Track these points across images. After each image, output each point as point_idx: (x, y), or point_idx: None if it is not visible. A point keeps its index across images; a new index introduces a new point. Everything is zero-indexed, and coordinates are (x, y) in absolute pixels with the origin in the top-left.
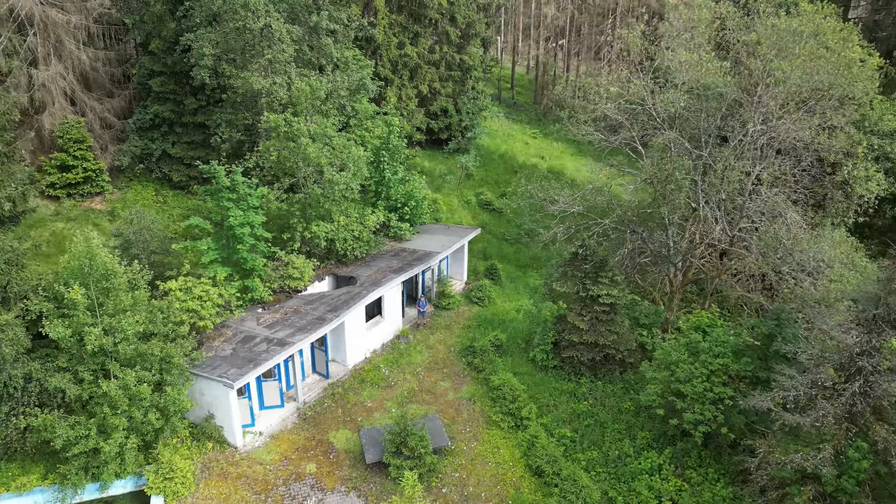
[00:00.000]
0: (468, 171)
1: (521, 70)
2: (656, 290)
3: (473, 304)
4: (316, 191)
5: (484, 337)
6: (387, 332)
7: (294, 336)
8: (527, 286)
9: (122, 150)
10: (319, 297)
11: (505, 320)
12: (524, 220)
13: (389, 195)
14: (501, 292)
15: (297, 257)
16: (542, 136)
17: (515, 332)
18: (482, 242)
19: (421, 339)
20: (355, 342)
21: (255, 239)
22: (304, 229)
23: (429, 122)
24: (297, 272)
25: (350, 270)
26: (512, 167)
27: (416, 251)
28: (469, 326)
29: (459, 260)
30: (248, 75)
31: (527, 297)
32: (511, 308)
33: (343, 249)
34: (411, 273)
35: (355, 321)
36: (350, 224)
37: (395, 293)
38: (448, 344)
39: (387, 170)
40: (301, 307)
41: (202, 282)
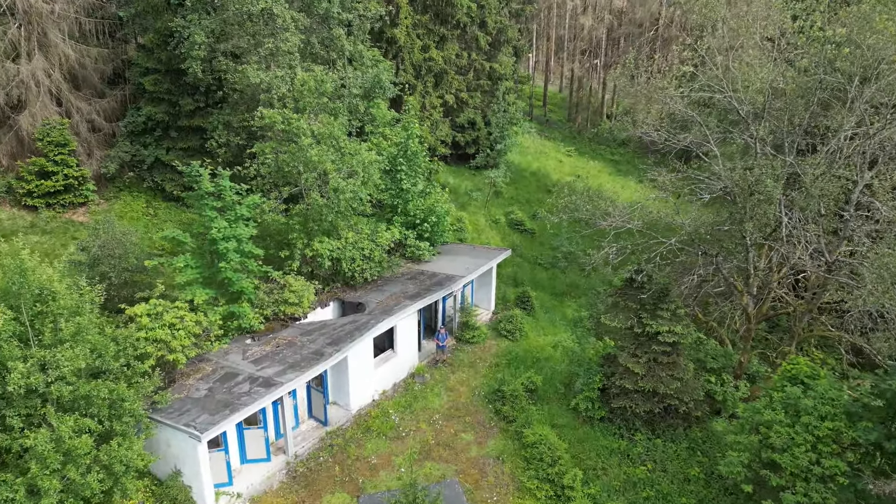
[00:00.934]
0: (497, 188)
1: (554, 89)
2: (724, 328)
3: (502, 338)
4: (318, 200)
5: (515, 379)
6: (399, 370)
7: (284, 374)
8: (564, 317)
9: (110, 155)
10: (320, 326)
11: (539, 358)
12: (561, 241)
13: (407, 210)
14: (535, 324)
15: (296, 279)
16: (577, 155)
17: (553, 374)
18: (512, 266)
19: (439, 378)
20: (360, 382)
21: (241, 256)
22: (305, 246)
23: (455, 135)
24: (295, 296)
25: (358, 295)
26: (545, 186)
27: (436, 274)
28: (497, 365)
29: (486, 286)
30: (245, 68)
31: (565, 331)
32: (546, 343)
33: (350, 271)
34: (430, 300)
35: (361, 356)
36: (360, 241)
37: (409, 323)
38: (472, 386)
39: (404, 180)
40: (297, 338)
41: (176, 306)
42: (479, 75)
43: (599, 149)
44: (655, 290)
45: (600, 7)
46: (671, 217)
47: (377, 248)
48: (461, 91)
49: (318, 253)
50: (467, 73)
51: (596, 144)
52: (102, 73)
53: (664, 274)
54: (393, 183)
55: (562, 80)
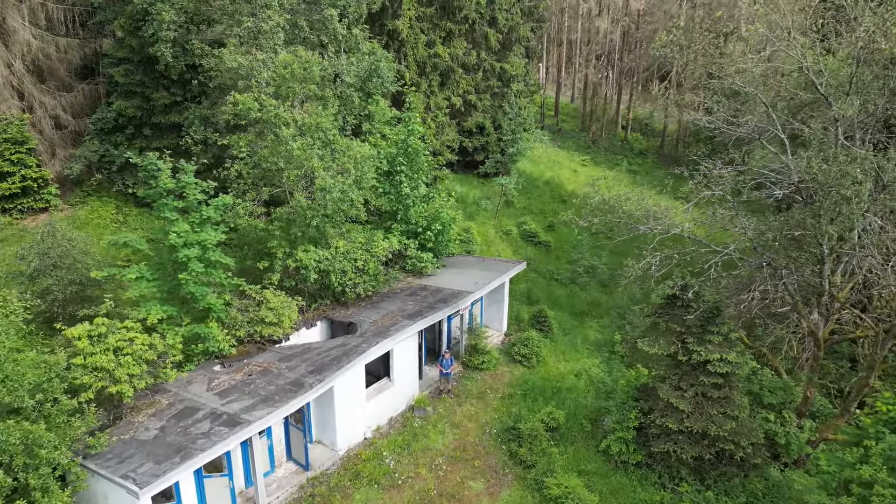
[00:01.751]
0: (508, 198)
1: (566, 99)
2: (777, 354)
3: (516, 364)
4: (302, 202)
5: (533, 414)
6: (396, 402)
7: (254, 410)
8: (586, 340)
9: (75, 155)
10: (303, 350)
11: (561, 389)
12: (582, 253)
13: (407, 217)
14: (554, 348)
15: (275, 294)
16: (592, 164)
17: (577, 408)
18: (526, 282)
19: (443, 412)
20: (349, 417)
21: (207, 266)
22: (287, 256)
23: (462, 140)
24: (274, 315)
25: (350, 314)
26: (559, 196)
27: (441, 290)
28: (511, 396)
29: (497, 303)
30: (222, 52)
31: (588, 356)
32: (568, 371)
33: (341, 285)
34: (432, 319)
35: (350, 387)
36: (352, 251)
37: (408, 347)
38: (481, 421)
39: (404, 183)
40: (274, 365)
41: (126, 326)
42: (489, 76)
43: (616, 158)
44: (704, 310)
45: (616, 9)
46: (725, 223)
47: (372, 259)
48: (469, 93)
49: (303, 264)
50: (476, 72)
51: (612, 154)
52: (71, 65)
53: (720, 289)
54: (392, 186)
55: (573, 91)
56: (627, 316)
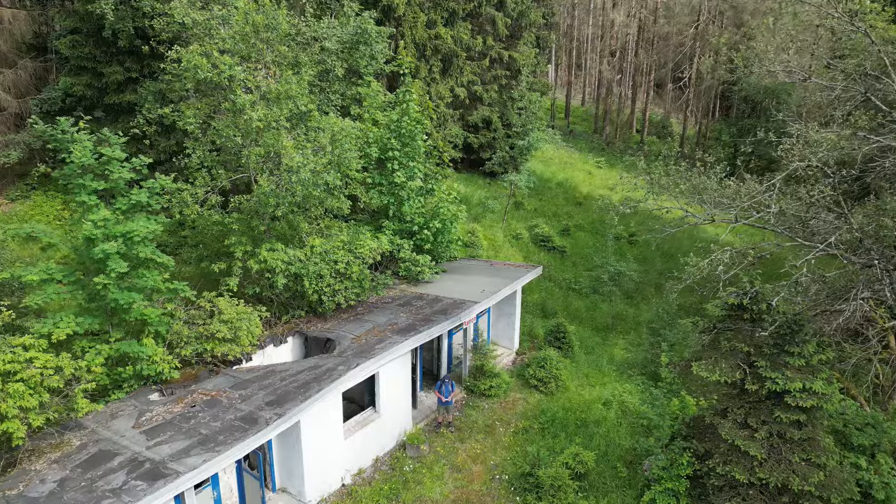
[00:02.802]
0: (517, 199)
1: (576, 104)
2: (859, 383)
3: (531, 390)
4: (264, 186)
5: (554, 455)
6: (383, 439)
7: (187, 456)
8: (612, 360)
9: (13, 141)
10: (265, 373)
11: (587, 421)
12: (606, 258)
13: (401, 213)
14: (575, 370)
15: (231, 303)
16: (607, 167)
17: (608, 447)
18: (540, 292)
19: (443, 451)
20: (321, 459)
21: (133, 266)
22: (249, 256)
23: (466, 136)
24: (228, 329)
25: (329, 328)
26: (574, 198)
27: (440, 299)
28: (526, 431)
29: (508, 316)
30: (173, 5)
31: (616, 379)
32: (594, 399)
33: (316, 293)
34: (429, 334)
35: (323, 421)
36: (332, 252)
37: (398, 369)
38: (489, 464)
39: (397, 171)
40: (224, 393)
41: (23, 344)
42: (496, 65)
43: (634, 160)
44: (781, 324)
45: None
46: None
47: (357, 261)
48: (474, 83)
49: (268, 266)
50: (482, 60)
51: (629, 157)
52: (16, 39)
53: (809, 296)
54: (382, 176)
55: (584, 94)
56: (663, 332)
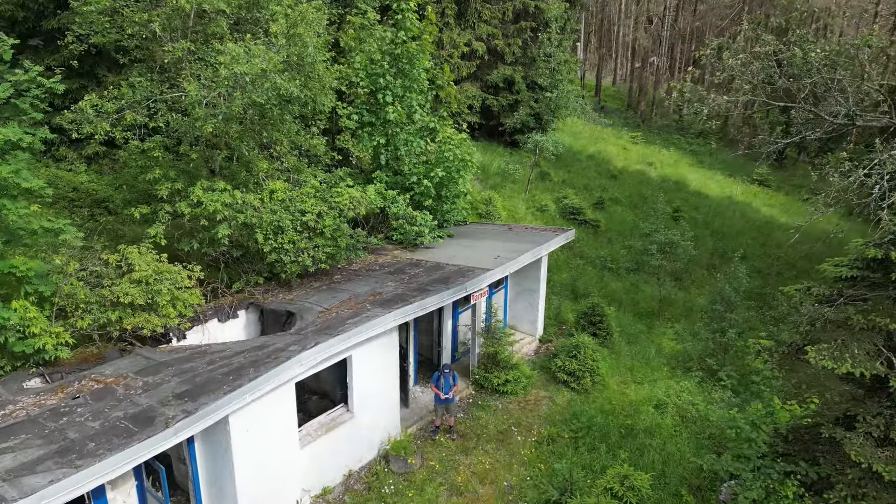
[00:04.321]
0: (541, 168)
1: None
2: None
3: (559, 386)
4: (192, 93)
5: (592, 475)
6: (359, 447)
7: (29, 473)
8: (661, 352)
9: None
10: (189, 355)
11: (634, 429)
12: (656, 223)
13: (398, 159)
14: (616, 363)
15: (147, 258)
16: (644, 142)
17: (665, 464)
18: (569, 271)
19: (440, 465)
20: (266, 475)
21: None
22: (179, 196)
23: (485, 98)
24: (143, 293)
25: (292, 298)
26: (608, 171)
27: (441, 266)
28: (552, 440)
29: (529, 294)
30: None
31: (669, 375)
32: (642, 399)
33: (274, 251)
34: (423, 307)
35: (265, 422)
36: (299, 199)
37: (380, 354)
38: (501, 484)
39: (391, 105)
40: (125, 379)
41: None
42: (519, 17)
43: (672, 138)
44: None
45: None
46: None
47: (332, 212)
48: (495, 37)
49: (205, 211)
50: (503, 2)
51: (667, 133)
52: None
53: None
54: (372, 114)
55: (616, 73)
56: (729, 316)
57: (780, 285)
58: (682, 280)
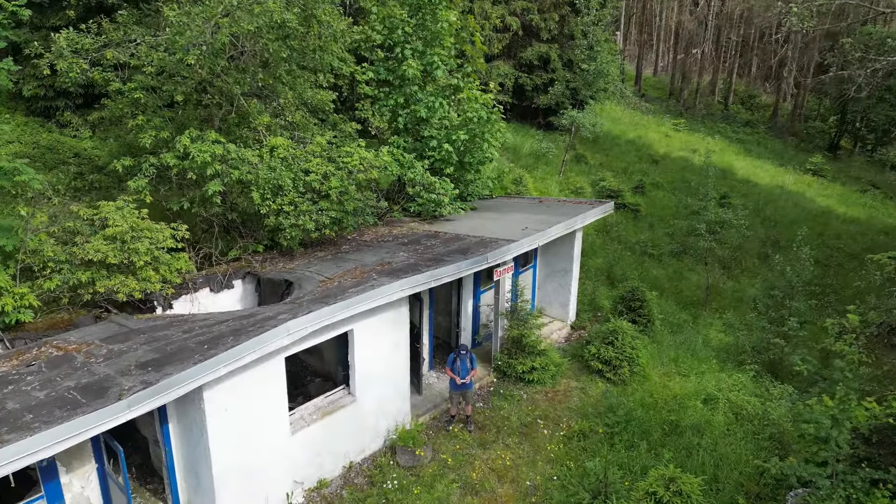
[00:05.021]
0: (577, 151)
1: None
2: None
3: (592, 376)
4: (173, 24)
5: (630, 476)
6: (361, 436)
7: None
8: (708, 344)
9: None
10: (168, 323)
11: (680, 426)
12: (705, 199)
13: (417, 123)
14: (657, 353)
15: (126, 213)
16: (687, 130)
17: (717, 466)
18: (605, 256)
19: (453, 459)
20: (248, 463)
21: None
22: (166, 148)
23: (518, 76)
24: (117, 253)
25: (294, 267)
26: (649, 156)
27: (461, 237)
28: (584, 436)
29: (561, 274)
30: None
31: (719, 368)
32: (688, 393)
33: (273, 213)
34: (435, 278)
35: (247, 401)
36: (303, 158)
37: (387, 330)
38: (523, 484)
39: (409, 61)
40: (88, 346)
41: None
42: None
43: (718, 126)
44: None
45: None
46: None
47: (339, 172)
48: (530, 12)
49: (194, 164)
50: None
51: (712, 122)
52: None
53: None
54: (389, 72)
55: (657, 63)
56: (789, 303)
57: (841, 277)
58: (730, 268)
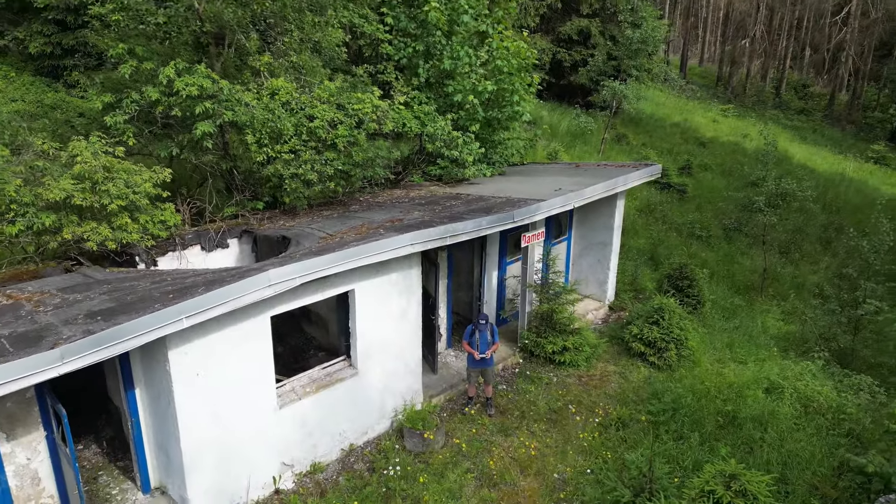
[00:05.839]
0: (617, 130)
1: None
2: None
3: (632, 360)
4: None
5: (681, 472)
6: (364, 415)
7: None
8: (765, 331)
9: None
10: (140, 276)
11: (739, 417)
12: (765, 170)
13: (439, 72)
14: (709, 338)
15: (97, 149)
16: (736, 116)
17: (786, 463)
18: (648, 237)
19: (468, 446)
20: (226, 439)
21: None
22: (147, 81)
23: (556, 51)
24: (84, 195)
25: (296, 226)
26: (696, 139)
27: (484, 198)
28: (623, 424)
29: (599, 247)
30: None
31: (783, 356)
32: (747, 381)
33: (269, 160)
34: (450, 233)
35: (224, 366)
36: (308, 103)
37: (396, 294)
38: (550, 476)
39: (433, 2)
40: (40, 296)
41: None
42: None
43: (770, 113)
44: None
45: None
46: None
47: (348, 119)
48: None
49: (180, 101)
50: None
51: (763, 109)
52: None
53: None
54: (409, 18)
55: (702, 53)
56: (864, 284)
57: None
58: (788, 253)
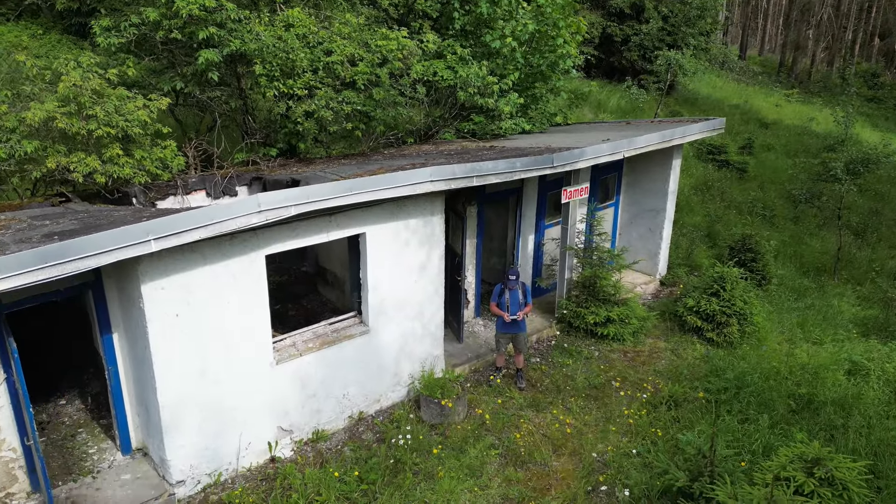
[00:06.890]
0: (670, 107)
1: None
2: None
3: (686, 336)
4: None
5: (748, 456)
6: (375, 379)
7: None
8: (839, 313)
9: None
10: (125, 208)
11: (815, 400)
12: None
13: (476, 19)
14: (777, 317)
15: (89, 66)
16: (800, 101)
17: (875, 452)
18: (705, 214)
19: (493, 418)
20: (210, 396)
21: None
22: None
23: (606, 25)
24: (69, 120)
25: (308, 172)
26: (757, 120)
27: (520, 149)
28: (674, 403)
29: (650, 215)
30: None
31: (862, 339)
32: (824, 361)
33: (280, 96)
34: (479, 174)
35: (209, 309)
36: (327, 38)
37: (410, 242)
38: (588, 455)
39: None
40: (12, 222)
41: None
42: None
43: (839, 99)
44: None
45: None
46: None
47: (369, 58)
48: None
49: (181, 24)
50: None
51: (830, 94)
52: None
53: None
54: None
55: (762, 43)
56: None
57: None
58: (863, 235)
